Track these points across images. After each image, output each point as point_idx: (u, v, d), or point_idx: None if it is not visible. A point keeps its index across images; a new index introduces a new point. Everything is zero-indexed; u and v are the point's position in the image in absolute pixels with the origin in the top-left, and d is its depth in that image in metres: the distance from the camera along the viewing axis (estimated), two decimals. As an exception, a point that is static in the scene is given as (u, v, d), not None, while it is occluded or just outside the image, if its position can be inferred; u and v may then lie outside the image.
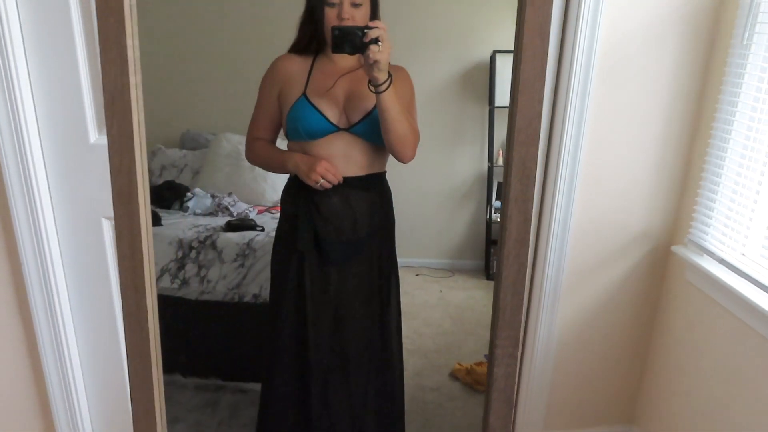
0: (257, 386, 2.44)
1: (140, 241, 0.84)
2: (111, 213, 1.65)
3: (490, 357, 0.98)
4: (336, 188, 1.57)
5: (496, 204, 3.97)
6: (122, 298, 0.84)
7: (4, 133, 1.47)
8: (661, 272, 1.93)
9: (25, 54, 1.47)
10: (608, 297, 1.93)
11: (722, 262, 1.67)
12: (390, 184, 1.77)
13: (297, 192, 1.64)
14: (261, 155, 1.68)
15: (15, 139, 1.48)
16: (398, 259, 1.87)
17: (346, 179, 1.59)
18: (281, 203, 1.76)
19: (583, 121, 1.69)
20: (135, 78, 0.80)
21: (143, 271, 0.84)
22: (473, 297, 3.89)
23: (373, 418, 1.81)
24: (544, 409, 2.05)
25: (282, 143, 1.76)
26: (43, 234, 1.56)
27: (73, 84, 1.52)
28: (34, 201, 1.53)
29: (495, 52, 3.83)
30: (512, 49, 1.09)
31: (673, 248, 1.85)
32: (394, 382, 1.82)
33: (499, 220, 2.88)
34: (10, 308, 1.63)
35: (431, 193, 4.19)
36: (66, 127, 1.56)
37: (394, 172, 1.79)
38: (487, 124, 4.01)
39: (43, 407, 1.73)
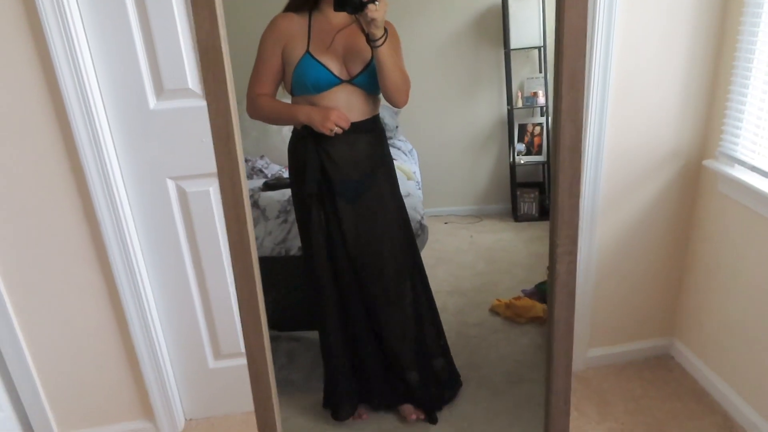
0: (309, 334, 2.60)
1: (239, 174, 0.95)
2: (174, 173, 1.78)
3: (551, 257, 1.09)
4: (341, 133, 1.70)
5: (519, 147, 4.02)
6: (227, 228, 0.96)
7: (74, 107, 1.59)
8: (694, 187, 2.01)
9: (86, 33, 1.58)
10: (644, 215, 2.02)
11: (754, 169, 1.74)
12: (412, 136, 1.87)
13: (305, 141, 1.75)
14: (267, 110, 1.76)
15: (84, 110, 1.60)
16: (426, 209, 1.99)
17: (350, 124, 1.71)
18: (289, 156, 1.87)
19: (611, 44, 1.76)
20: (223, 31, 0.90)
21: (243, 200, 0.95)
22: (503, 239, 3.98)
23: (415, 345, 1.99)
24: (588, 327, 2.18)
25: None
26: (115, 195, 1.70)
27: (131, 56, 1.63)
28: (105, 166, 1.66)
29: (507, -6, 3.81)
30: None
31: (704, 162, 1.93)
32: (422, 307, 1.99)
33: (520, 162, 2.98)
34: (92, 264, 1.78)
35: (453, 140, 4.25)
36: (127, 97, 1.67)
37: (415, 124, 1.88)
38: (503, 67, 4.04)
39: (126, 341, 1.91)
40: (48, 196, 1.69)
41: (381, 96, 1.72)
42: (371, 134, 1.78)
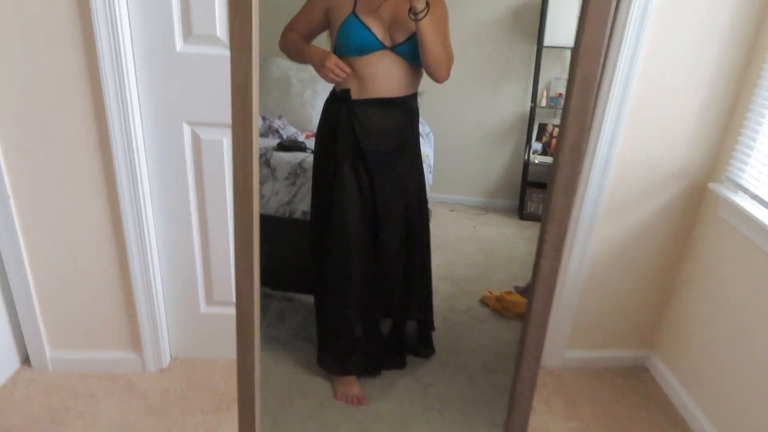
0: (301, 296, 2.66)
1: (251, 124, 0.99)
2: (191, 118, 1.82)
3: (538, 250, 1.13)
4: (376, 104, 1.75)
5: (536, 146, 4.04)
6: (233, 172, 1.01)
7: (102, 38, 1.62)
8: (696, 208, 2.03)
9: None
10: (643, 227, 2.05)
11: (755, 197, 1.76)
12: (431, 119, 1.88)
13: (339, 106, 1.78)
14: (290, 43, 1.81)
15: (112, 43, 1.64)
16: (433, 195, 2.02)
17: (386, 98, 1.75)
18: (322, 116, 1.89)
19: (637, 56, 1.77)
20: (254, -18, 0.94)
21: (252, 146, 1.00)
22: (505, 234, 4.02)
23: (407, 308, 2.07)
24: (569, 329, 2.22)
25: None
26: (131, 130, 1.74)
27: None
28: (126, 100, 1.70)
29: (548, -9, 3.80)
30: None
31: (710, 185, 1.95)
32: (424, 272, 2.07)
33: (534, 161, 3.02)
34: (101, 193, 1.84)
35: (471, 130, 4.26)
36: (155, 35, 1.71)
37: (437, 108, 1.90)
38: (533, 64, 4.03)
39: (123, 274, 1.97)
40: (66, 121, 1.73)
41: (423, 72, 1.74)
42: (404, 112, 1.81)
